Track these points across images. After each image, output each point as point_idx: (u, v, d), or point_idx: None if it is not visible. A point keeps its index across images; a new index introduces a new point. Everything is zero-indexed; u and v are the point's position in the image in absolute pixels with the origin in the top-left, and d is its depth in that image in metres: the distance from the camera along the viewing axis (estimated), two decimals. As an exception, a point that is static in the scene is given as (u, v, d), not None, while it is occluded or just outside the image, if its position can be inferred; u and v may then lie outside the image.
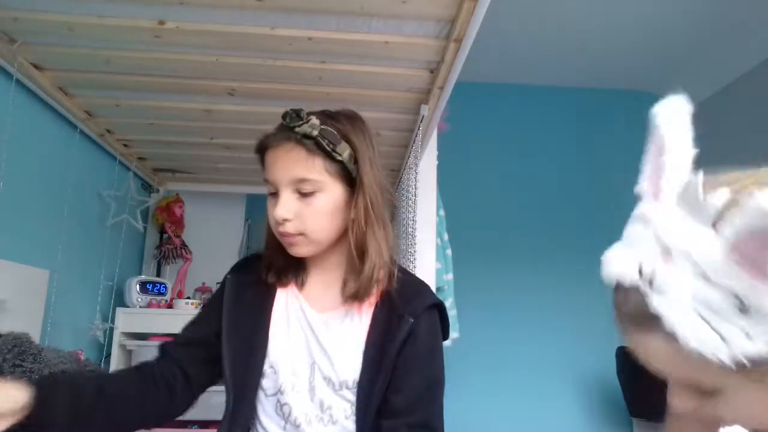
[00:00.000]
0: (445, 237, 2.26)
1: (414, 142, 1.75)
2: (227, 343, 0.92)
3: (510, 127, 3.29)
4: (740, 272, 0.43)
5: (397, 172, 2.28)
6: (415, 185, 1.75)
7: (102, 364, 2.03)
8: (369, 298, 0.92)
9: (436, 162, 2.07)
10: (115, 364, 2.09)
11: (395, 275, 0.94)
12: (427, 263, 1.92)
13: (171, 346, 0.97)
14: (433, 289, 1.96)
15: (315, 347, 0.91)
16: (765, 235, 0.42)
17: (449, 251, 2.27)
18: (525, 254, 3.14)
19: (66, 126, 1.78)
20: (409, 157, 1.88)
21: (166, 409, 0.92)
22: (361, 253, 0.91)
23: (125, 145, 2.10)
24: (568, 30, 2.74)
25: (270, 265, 0.97)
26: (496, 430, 2.95)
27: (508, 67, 3.10)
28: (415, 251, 1.70)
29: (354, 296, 0.91)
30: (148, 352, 2.10)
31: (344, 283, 0.93)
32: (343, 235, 0.93)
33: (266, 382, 0.92)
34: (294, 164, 0.87)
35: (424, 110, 1.61)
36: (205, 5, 1.21)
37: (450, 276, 2.24)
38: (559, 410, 3.05)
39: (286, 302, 0.96)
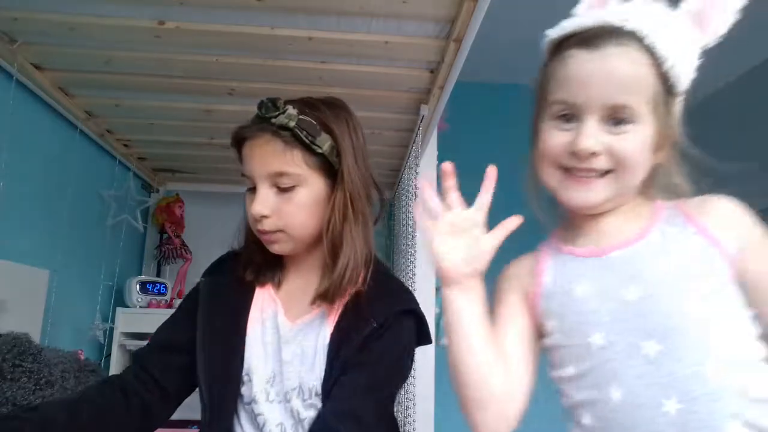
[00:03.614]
0: (445, 237, 2.26)
1: (414, 142, 1.75)
2: (202, 351, 0.87)
3: (510, 127, 3.28)
4: (692, 28, 0.70)
5: (397, 172, 2.28)
6: (415, 185, 1.75)
7: (102, 364, 2.03)
8: (341, 300, 0.85)
9: (436, 162, 2.07)
10: (115, 364, 2.09)
11: (369, 275, 0.87)
12: (427, 263, 1.91)
13: (145, 355, 0.91)
14: (434, 288, 1.96)
15: (286, 356, 0.86)
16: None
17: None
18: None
19: (66, 126, 1.78)
20: (409, 157, 1.88)
21: (142, 426, 0.87)
22: (336, 251, 0.85)
23: (125, 145, 2.10)
24: (568, 30, 2.73)
25: (248, 262, 0.91)
26: (496, 430, 2.95)
27: (508, 67, 3.10)
28: (415, 251, 1.70)
29: (323, 296, 0.84)
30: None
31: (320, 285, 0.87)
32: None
33: (243, 390, 0.86)
34: (271, 157, 0.82)
35: (424, 110, 1.62)
36: (205, 5, 1.22)
37: (450, 276, 2.24)
38: (559, 410, 3.04)
39: (263, 306, 0.91)
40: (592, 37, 0.68)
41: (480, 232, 0.73)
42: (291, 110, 0.83)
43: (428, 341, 0.92)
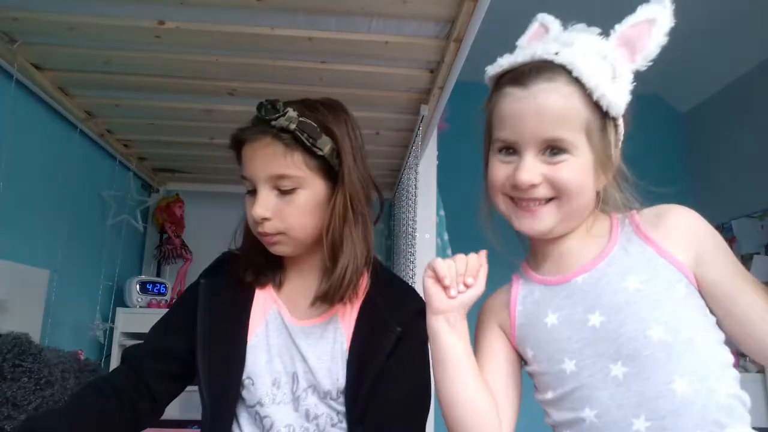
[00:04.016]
0: (445, 237, 2.26)
1: (414, 142, 1.75)
2: (203, 355, 0.87)
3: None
4: (619, 52, 0.72)
5: (397, 172, 2.28)
6: (415, 185, 1.75)
7: (102, 364, 2.03)
8: (344, 302, 0.86)
9: (436, 162, 2.07)
10: (115, 364, 2.09)
11: (376, 276, 0.88)
12: (427, 263, 1.91)
13: (137, 357, 0.91)
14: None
15: (296, 357, 0.86)
16: (642, 25, 0.72)
17: (449, 251, 2.27)
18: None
19: (66, 126, 1.78)
20: (409, 157, 1.88)
21: (132, 429, 0.87)
22: (336, 252, 0.85)
23: (125, 145, 2.10)
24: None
25: (248, 263, 0.91)
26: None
27: (508, 67, 3.10)
28: (415, 251, 1.70)
29: (323, 298, 0.85)
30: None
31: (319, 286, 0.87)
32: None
33: (244, 393, 0.87)
34: (272, 160, 0.82)
35: (424, 110, 1.61)
36: (205, 5, 1.22)
37: (450, 276, 2.24)
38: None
39: (264, 307, 0.90)
40: (523, 75, 0.72)
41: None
42: (291, 112, 0.83)
43: None
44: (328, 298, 0.85)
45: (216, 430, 0.86)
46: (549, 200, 0.73)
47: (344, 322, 0.88)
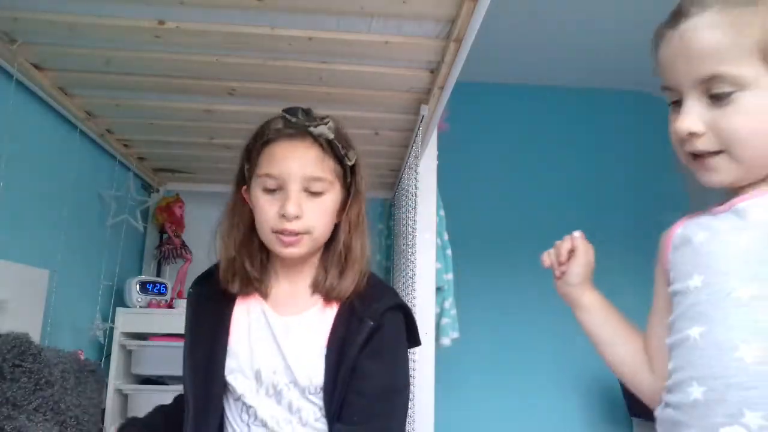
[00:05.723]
0: (445, 237, 2.26)
1: (414, 142, 1.75)
2: (189, 355, 0.92)
3: (510, 127, 3.29)
4: None
5: (397, 172, 2.28)
6: (415, 185, 1.75)
7: (102, 364, 2.03)
8: (329, 301, 0.92)
9: (436, 162, 2.07)
10: (115, 364, 2.09)
11: (365, 281, 0.94)
12: (427, 263, 1.92)
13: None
14: (434, 288, 1.97)
15: (276, 353, 0.90)
16: None
17: (449, 251, 2.26)
18: (525, 254, 3.12)
19: (66, 126, 1.77)
20: (409, 157, 1.88)
21: None
22: (348, 257, 0.92)
23: (125, 145, 2.10)
24: (568, 30, 2.74)
25: (234, 273, 0.94)
26: (496, 430, 2.96)
27: (508, 67, 3.10)
28: (415, 251, 1.70)
29: (330, 293, 0.91)
30: (149, 352, 2.10)
31: (315, 283, 0.93)
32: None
33: (230, 387, 0.91)
34: (310, 162, 0.88)
35: (424, 110, 1.61)
36: (205, 5, 1.21)
37: (450, 276, 2.24)
38: (559, 410, 3.05)
39: (248, 307, 0.94)
40: (674, 14, 0.64)
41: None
42: (331, 122, 0.89)
43: (416, 342, 0.96)
44: (335, 295, 0.91)
45: (201, 420, 0.89)
46: (719, 152, 0.63)
47: (324, 321, 0.91)
